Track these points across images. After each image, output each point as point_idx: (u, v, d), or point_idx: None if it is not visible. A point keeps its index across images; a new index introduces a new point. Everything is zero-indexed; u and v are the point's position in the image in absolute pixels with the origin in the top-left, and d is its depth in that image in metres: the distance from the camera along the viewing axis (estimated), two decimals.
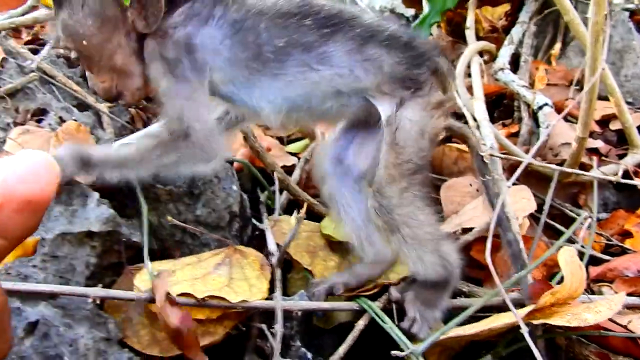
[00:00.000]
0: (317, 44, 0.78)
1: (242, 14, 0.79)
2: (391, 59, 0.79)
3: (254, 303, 0.78)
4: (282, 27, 0.78)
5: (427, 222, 0.79)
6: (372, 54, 0.79)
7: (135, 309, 0.81)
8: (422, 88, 0.81)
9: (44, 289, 0.72)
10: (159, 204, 0.89)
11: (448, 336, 0.69)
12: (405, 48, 0.80)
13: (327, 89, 0.80)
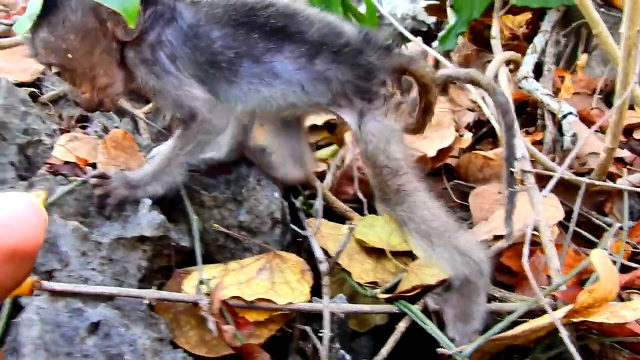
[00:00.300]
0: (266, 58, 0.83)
1: (197, 19, 0.85)
2: (341, 76, 0.83)
3: (301, 305, 0.81)
4: (232, 37, 0.84)
5: (431, 218, 0.83)
6: (321, 71, 0.83)
7: (183, 311, 0.85)
8: (377, 98, 0.85)
9: (104, 291, 0.75)
10: (204, 210, 0.93)
11: (488, 339, 0.72)
12: (354, 62, 0.84)
13: (281, 102, 0.86)
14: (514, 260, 1.01)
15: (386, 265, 0.98)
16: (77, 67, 0.84)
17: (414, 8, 1.94)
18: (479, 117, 1.52)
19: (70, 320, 0.72)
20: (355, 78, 0.84)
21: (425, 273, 0.92)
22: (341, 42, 0.84)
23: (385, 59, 0.86)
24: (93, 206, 0.86)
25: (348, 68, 0.84)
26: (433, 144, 1.31)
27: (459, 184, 1.27)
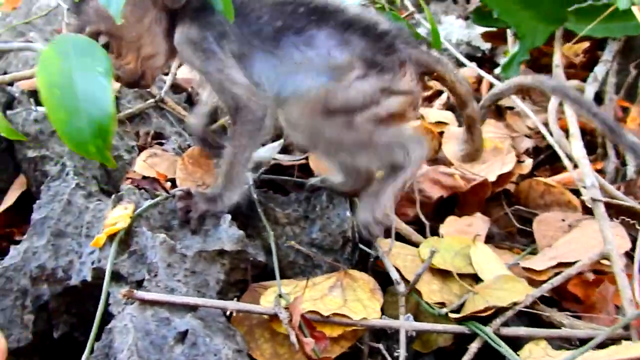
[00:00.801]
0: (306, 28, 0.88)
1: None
2: (363, 44, 0.89)
3: (376, 322, 0.83)
4: (279, 11, 0.89)
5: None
6: (348, 39, 0.88)
7: (258, 324, 0.88)
8: (385, 72, 0.89)
9: (192, 302, 0.79)
10: (277, 227, 0.96)
11: None
12: (377, 37, 0.89)
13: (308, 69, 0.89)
14: (580, 288, 1.01)
15: (452, 287, 0.99)
16: (125, 34, 0.87)
17: (469, 34, 1.96)
18: (537, 144, 1.52)
19: (158, 329, 0.76)
20: (375, 50, 0.89)
21: (492, 295, 0.93)
22: (371, 23, 0.90)
23: (410, 48, 0.92)
24: (176, 220, 0.91)
25: (372, 40, 0.89)
26: (493, 169, 1.32)
27: (519, 209, 1.28)
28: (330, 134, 0.90)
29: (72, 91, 0.74)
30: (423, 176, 1.26)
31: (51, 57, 0.76)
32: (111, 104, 0.74)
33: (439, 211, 1.29)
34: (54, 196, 0.96)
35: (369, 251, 0.98)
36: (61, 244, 0.91)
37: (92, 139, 0.73)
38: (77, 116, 0.73)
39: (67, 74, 0.75)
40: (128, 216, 0.85)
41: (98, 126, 0.73)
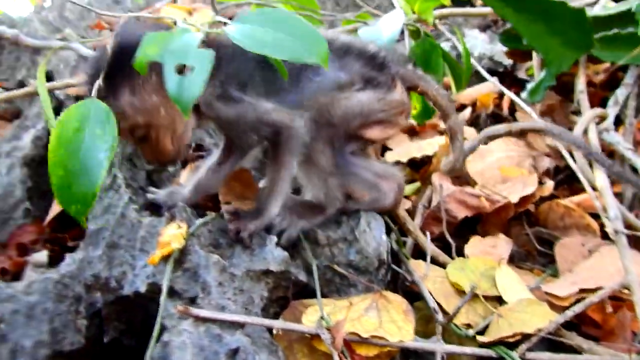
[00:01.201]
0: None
1: None
2: (359, 64, 1.00)
3: (412, 343, 0.89)
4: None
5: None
6: (347, 61, 0.99)
7: (297, 340, 0.94)
8: (380, 86, 1.01)
9: (241, 319, 0.85)
10: (317, 247, 1.01)
11: None
12: (370, 58, 1.01)
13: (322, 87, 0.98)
14: (599, 313, 1.07)
15: (477, 308, 1.05)
16: (162, 122, 0.91)
17: (492, 48, 1.99)
18: (556, 163, 1.57)
19: (211, 345, 0.82)
20: (370, 68, 1.01)
21: (516, 318, 0.99)
22: (362, 47, 1.02)
23: (398, 66, 1.05)
24: (224, 238, 0.96)
25: (366, 61, 1.01)
26: (515, 190, 1.37)
27: (540, 230, 1.33)
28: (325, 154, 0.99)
29: (75, 157, 0.81)
30: (449, 196, 1.31)
31: (73, 116, 0.82)
32: (100, 182, 0.81)
33: (461, 229, 1.34)
34: (108, 208, 1.01)
35: (404, 274, 1.04)
36: (115, 255, 0.97)
37: (74, 202, 0.82)
38: (70, 180, 0.81)
39: (78, 140, 0.82)
40: (182, 236, 0.91)
41: (83, 195, 0.81)
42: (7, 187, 1.17)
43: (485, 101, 1.82)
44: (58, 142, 0.81)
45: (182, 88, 0.78)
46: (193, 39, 0.82)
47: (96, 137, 0.81)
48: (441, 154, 1.48)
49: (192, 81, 0.78)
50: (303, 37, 0.82)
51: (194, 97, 0.78)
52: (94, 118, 0.82)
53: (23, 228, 1.15)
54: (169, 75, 0.79)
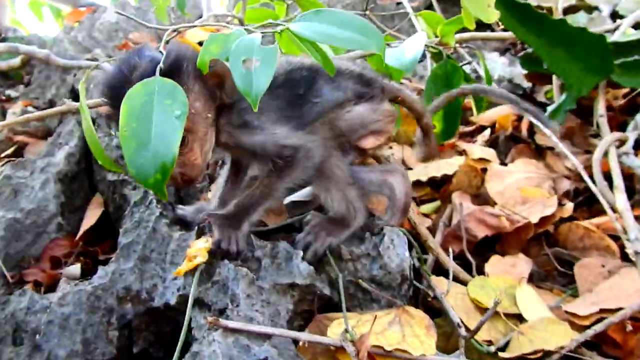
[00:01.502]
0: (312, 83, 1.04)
1: None
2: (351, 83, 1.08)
3: (434, 358, 0.91)
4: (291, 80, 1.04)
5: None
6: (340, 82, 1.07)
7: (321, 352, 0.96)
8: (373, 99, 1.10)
9: (268, 331, 0.87)
10: (341, 262, 1.04)
11: None
12: (358, 77, 1.10)
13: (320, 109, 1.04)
14: (619, 334, 1.07)
15: (498, 326, 1.07)
16: (199, 129, 0.93)
17: (511, 71, 2.02)
18: (576, 185, 1.58)
19: (240, 355, 0.85)
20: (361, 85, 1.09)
21: (536, 336, 1.00)
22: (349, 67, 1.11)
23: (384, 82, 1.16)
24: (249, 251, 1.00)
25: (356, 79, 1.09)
26: (535, 211, 1.39)
27: (559, 251, 1.34)
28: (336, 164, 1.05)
29: (147, 126, 0.82)
30: (469, 215, 1.33)
31: (138, 92, 0.85)
32: (177, 146, 0.82)
33: (480, 247, 1.36)
34: (139, 222, 1.05)
35: (426, 290, 1.06)
36: (146, 268, 1.00)
37: (153, 173, 0.82)
38: (146, 149, 0.81)
39: (147, 110, 0.83)
40: (206, 250, 0.94)
41: (162, 163, 0.81)
42: (41, 202, 1.21)
43: (504, 123, 1.85)
44: (128, 117, 0.82)
45: (251, 81, 0.83)
46: (256, 36, 0.88)
47: (166, 106, 0.83)
48: (461, 173, 1.50)
49: (259, 74, 0.84)
50: (363, 31, 0.90)
51: (262, 89, 0.84)
52: (161, 91, 0.84)
53: (56, 242, 1.19)
54: (237, 71, 0.84)
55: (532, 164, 1.63)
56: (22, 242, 1.18)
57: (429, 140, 1.30)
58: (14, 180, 1.26)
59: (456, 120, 1.32)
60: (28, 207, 1.21)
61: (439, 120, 1.34)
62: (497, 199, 1.46)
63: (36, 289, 1.10)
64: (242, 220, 0.97)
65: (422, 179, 1.57)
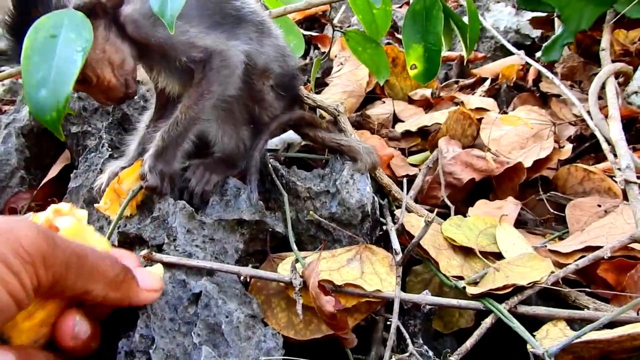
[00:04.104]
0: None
1: None
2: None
3: (388, 294, 0.83)
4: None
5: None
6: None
7: (275, 293, 0.90)
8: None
9: (206, 265, 0.82)
10: (298, 201, 0.97)
11: (581, 340, 0.70)
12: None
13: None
14: (610, 274, 0.97)
15: (473, 265, 0.98)
16: (92, 55, 0.83)
17: (518, 21, 1.90)
18: (581, 132, 1.47)
19: (174, 290, 0.79)
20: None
21: (513, 271, 0.91)
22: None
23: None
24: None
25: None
26: (531, 154, 1.29)
27: (556, 195, 1.24)
28: None
29: (49, 62, 0.78)
30: (454, 158, 1.24)
31: (45, 25, 0.79)
32: (71, 85, 0.77)
33: (473, 197, 1.27)
34: (89, 166, 1.01)
35: (385, 227, 0.98)
36: (93, 210, 0.96)
37: (49, 111, 0.77)
38: (45, 86, 0.77)
39: (51, 45, 0.78)
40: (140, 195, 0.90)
41: (57, 100, 0.77)
42: (2, 156, 1.19)
43: (508, 73, 1.74)
44: (31, 50, 0.78)
45: (165, 2, 0.78)
46: None
47: (70, 40, 0.78)
48: (452, 120, 1.41)
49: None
50: None
51: (178, 9, 0.78)
52: (68, 25, 0.79)
53: (18, 195, 1.17)
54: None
55: (534, 111, 1.52)
56: None
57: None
58: None
59: (437, 58, 1.22)
60: None
61: (419, 59, 1.25)
62: (492, 146, 1.37)
63: None
64: (173, 155, 0.89)
65: (411, 129, 1.48)
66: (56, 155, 1.27)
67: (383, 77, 1.45)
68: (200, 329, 0.75)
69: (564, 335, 0.78)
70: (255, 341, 0.78)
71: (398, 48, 1.74)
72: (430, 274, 1.01)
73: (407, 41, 1.25)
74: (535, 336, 0.79)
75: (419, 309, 0.89)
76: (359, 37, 1.42)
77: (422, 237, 0.85)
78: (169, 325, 0.76)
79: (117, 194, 0.88)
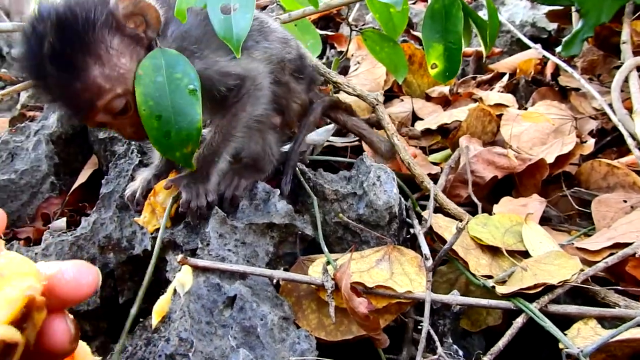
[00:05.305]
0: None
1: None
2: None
3: (420, 294, 0.84)
4: None
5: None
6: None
7: (305, 295, 0.91)
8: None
9: (240, 269, 0.83)
10: (325, 203, 0.98)
11: (615, 340, 0.71)
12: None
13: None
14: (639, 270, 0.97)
15: (501, 264, 0.99)
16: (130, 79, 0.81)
17: (534, 15, 1.89)
18: (602, 125, 1.46)
19: (209, 294, 0.81)
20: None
21: (543, 270, 0.91)
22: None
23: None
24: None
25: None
26: (552, 150, 1.29)
27: (580, 191, 1.24)
28: None
29: (165, 103, 0.80)
30: (476, 156, 1.25)
31: (147, 69, 0.81)
32: (199, 118, 0.80)
33: (495, 194, 1.27)
34: (120, 172, 1.03)
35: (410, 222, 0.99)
36: (125, 216, 0.98)
37: (179, 147, 0.80)
38: (167, 126, 0.80)
39: (161, 87, 0.80)
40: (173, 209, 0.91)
41: (186, 136, 0.80)
42: (33, 163, 1.22)
43: (526, 68, 1.73)
44: (143, 97, 0.79)
45: (230, 26, 0.80)
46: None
47: (177, 80, 0.80)
48: (472, 118, 1.41)
49: (239, 18, 0.80)
50: None
51: (244, 33, 0.80)
52: (168, 64, 0.80)
53: (49, 201, 1.19)
54: (215, 17, 0.81)
55: (554, 106, 1.51)
56: (17, 202, 1.19)
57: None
58: (11, 144, 1.27)
59: (458, 57, 1.23)
60: (22, 168, 1.21)
61: (439, 58, 1.25)
62: (513, 143, 1.37)
63: (27, 245, 1.10)
64: (208, 173, 0.90)
65: (431, 127, 1.49)
66: (84, 160, 1.30)
67: (401, 75, 1.46)
68: (236, 331, 0.77)
69: (595, 334, 0.79)
70: (290, 343, 0.79)
71: (414, 45, 1.75)
72: (456, 273, 1.02)
73: (427, 40, 1.26)
74: (567, 335, 0.79)
75: (448, 309, 0.90)
76: (376, 36, 1.42)
77: (453, 243, 0.85)
78: (205, 328, 0.77)
79: (152, 206, 0.90)
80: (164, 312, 0.79)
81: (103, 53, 0.78)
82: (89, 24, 0.77)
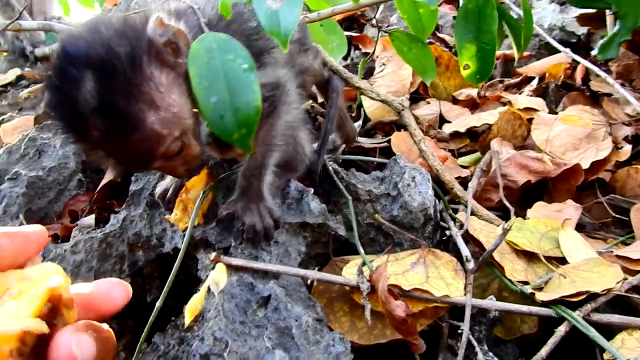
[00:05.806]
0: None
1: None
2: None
3: (458, 299, 0.82)
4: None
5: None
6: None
7: (337, 297, 0.89)
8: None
9: (272, 268, 0.81)
10: (358, 203, 0.97)
11: None
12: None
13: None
14: None
15: (537, 270, 0.96)
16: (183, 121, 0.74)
17: (563, 18, 1.86)
18: (637, 132, 1.43)
19: (243, 293, 0.79)
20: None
21: (582, 277, 0.89)
22: None
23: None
24: None
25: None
26: (587, 156, 1.26)
27: (616, 198, 1.20)
28: None
29: (219, 84, 0.76)
30: (509, 160, 1.22)
31: (199, 52, 0.76)
32: (258, 97, 0.75)
33: (527, 199, 1.24)
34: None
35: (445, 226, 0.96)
36: (155, 213, 0.97)
37: (237, 128, 0.76)
38: (224, 107, 0.75)
39: (214, 68, 0.76)
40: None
41: (244, 117, 0.75)
42: (61, 160, 1.21)
43: (555, 72, 1.70)
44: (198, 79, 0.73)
45: (277, 21, 0.77)
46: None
47: (230, 61, 0.76)
48: (503, 121, 1.39)
49: (286, 13, 0.77)
50: None
51: (292, 27, 0.77)
52: (220, 48, 0.76)
53: (77, 198, 1.18)
54: (261, 11, 0.77)
55: (586, 111, 1.48)
56: (44, 199, 1.18)
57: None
58: (38, 141, 1.26)
59: (491, 58, 1.20)
60: (49, 165, 1.20)
61: (471, 59, 1.23)
62: (545, 148, 1.34)
63: (55, 242, 1.09)
64: (260, 189, 0.86)
65: (460, 130, 1.46)
66: None
67: (429, 77, 1.43)
68: (270, 332, 0.75)
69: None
70: (324, 345, 0.77)
71: (441, 47, 1.73)
72: (488, 278, 0.99)
73: (460, 40, 1.23)
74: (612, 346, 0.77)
75: (484, 314, 0.87)
76: (404, 37, 1.40)
77: (499, 244, 0.83)
78: (239, 328, 0.75)
79: (184, 204, 0.89)
80: (197, 311, 0.77)
81: (154, 93, 0.69)
82: (134, 62, 0.67)
